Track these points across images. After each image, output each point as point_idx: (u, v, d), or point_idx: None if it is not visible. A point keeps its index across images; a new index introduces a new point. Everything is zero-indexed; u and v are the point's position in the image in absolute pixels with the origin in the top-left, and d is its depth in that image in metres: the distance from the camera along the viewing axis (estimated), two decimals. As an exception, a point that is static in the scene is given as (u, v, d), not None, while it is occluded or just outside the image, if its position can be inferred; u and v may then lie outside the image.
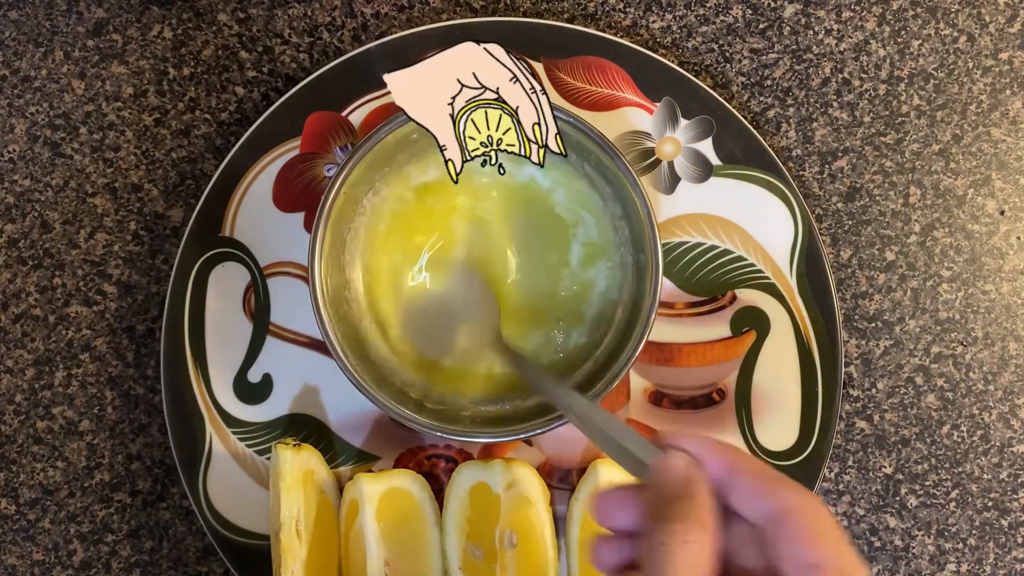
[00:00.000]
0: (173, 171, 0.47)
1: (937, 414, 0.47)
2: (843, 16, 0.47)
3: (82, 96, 0.47)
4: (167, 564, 0.46)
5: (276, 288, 0.45)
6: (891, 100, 0.47)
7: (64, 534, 0.46)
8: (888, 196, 0.47)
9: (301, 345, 0.45)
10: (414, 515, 0.44)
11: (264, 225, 0.45)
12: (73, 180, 0.46)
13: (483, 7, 0.47)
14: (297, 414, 0.45)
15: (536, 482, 0.44)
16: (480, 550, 0.43)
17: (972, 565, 0.47)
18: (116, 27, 0.47)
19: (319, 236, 0.40)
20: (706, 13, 0.47)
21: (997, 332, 0.47)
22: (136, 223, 0.46)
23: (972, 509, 0.47)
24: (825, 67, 0.47)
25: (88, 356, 0.46)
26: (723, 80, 0.47)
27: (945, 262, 0.47)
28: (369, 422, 0.45)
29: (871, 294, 0.47)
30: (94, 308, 0.46)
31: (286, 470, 0.41)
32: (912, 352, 0.47)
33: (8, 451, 0.46)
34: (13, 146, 0.46)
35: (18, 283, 0.46)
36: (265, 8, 0.47)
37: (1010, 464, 0.47)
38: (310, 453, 0.44)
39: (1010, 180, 0.47)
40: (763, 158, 0.45)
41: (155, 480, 0.46)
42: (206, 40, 0.47)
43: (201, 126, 0.47)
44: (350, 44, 0.47)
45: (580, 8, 0.47)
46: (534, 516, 0.43)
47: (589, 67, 0.45)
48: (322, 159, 0.45)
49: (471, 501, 0.44)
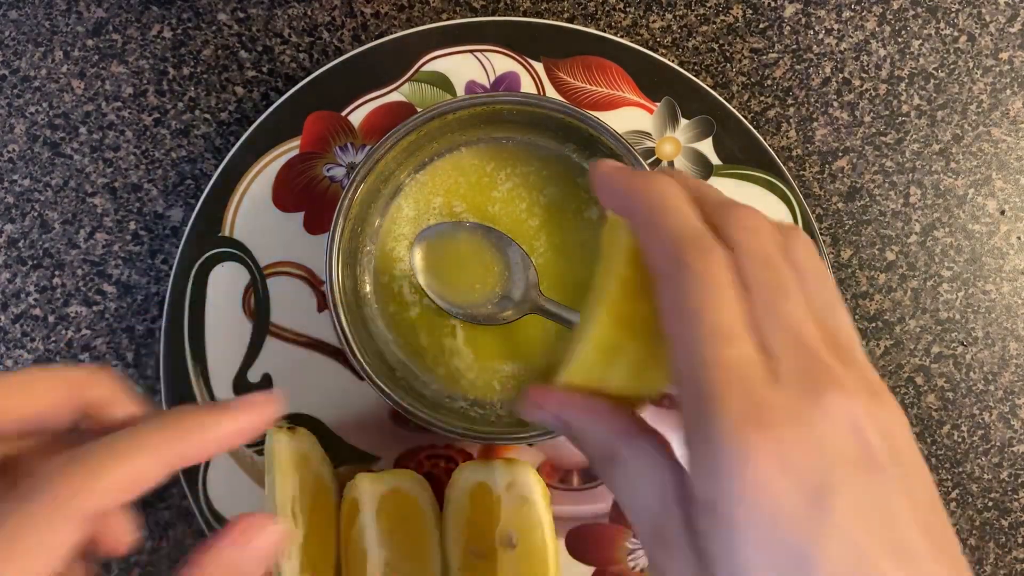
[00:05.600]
0: (173, 171, 0.47)
1: (937, 414, 0.47)
2: (843, 16, 0.47)
3: (82, 96, 0.47)
4: (167, 564, 0.46)
5: (276, 288, 0.45)
6: (891, 100, 0.47)
7: (64, 534, 0.46)
8: (888, 196, 0.47)
9: (301, 345, 0.45)
10: (414, 515, 0.44)
11: (264, 225, 0.45)
12: (73, 180, 0.46)
13: (483, 7, 0.47)
14: (297, 414, 0.45)
15: (536, 482, 0.44)
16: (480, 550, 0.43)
17: (972, 565, 0.47)
18: (116, 27, 0.47)
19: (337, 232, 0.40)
20: (706, 13, 0.47)
21: (997, 332, 0.47)
22: (136, 223, 0.46)
23: (972, 509, 0.47)
24: (825, 67, 0.47)
25: (88, 356, 0.46)
26: (723, 80, 0.47)
27: (945, 262, 0.47)
28: (369, 422, 0.45)
29: (871, 294, 0.47)
30: (94, 308, 0.46)
31: (280, 453, 0.41)
32: (912, 352, 0.47)
33: (8, 451, 0.46)
34: (13, 146, 0.46)
35: (18, 283, 0.46)
36: (265, 8, 0.47)
37: (1010, 464, 0.47)
38: (304, 437, 0.43)
39: (1010, 180, 0.47)
40: (763, 158, 0.45)
41: (155, 480, 0.46)
42: (206, 40, 0.47)
43: (201, 126, 0.47)
44: (350, 44, 0.47)
45: (580, 8, 0.47)
46: (534, 516, 0.43)
47: (589, 67, 0.45)
48: (322, 159, 0.45)
49: (471, 501, 0.44)
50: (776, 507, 0.23)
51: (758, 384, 0.24)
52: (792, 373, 0.24)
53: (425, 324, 0.44)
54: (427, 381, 0.44)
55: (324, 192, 0.45)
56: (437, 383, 0.44)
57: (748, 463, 0.23)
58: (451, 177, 0.44)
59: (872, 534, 0.23)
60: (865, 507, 0.23)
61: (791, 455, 0.23)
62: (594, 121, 0.40)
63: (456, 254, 0.43)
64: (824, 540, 0.23)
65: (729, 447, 0.23)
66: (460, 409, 0.43)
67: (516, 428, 0.41)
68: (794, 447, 0.23)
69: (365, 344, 0.42)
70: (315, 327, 0.45)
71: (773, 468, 0.23)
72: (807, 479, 0.23)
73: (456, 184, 0.44)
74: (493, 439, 0.41)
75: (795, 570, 0.23)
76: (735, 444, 0.23)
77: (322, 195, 0.45)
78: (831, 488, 0.23)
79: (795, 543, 0.23)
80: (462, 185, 0.44)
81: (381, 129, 0.45)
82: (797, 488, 0.23)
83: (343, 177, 0.45)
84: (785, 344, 0.25)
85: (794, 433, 0.23)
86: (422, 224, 0.44)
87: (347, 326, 0.40)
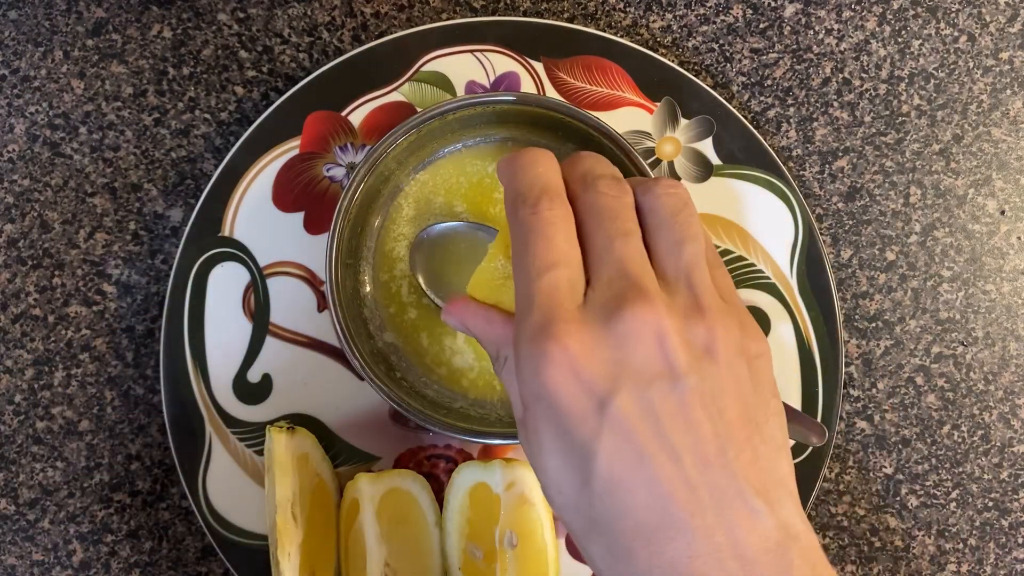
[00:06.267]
0: (172, 171, 0.47)
1: (937, 414, 0.47)
2: (843, 16, 0.47)
3: (82, 96, 0.47)
4: (167, 564, 0.46)
5: (276, 288, 0.45)
6: (891, 100, 0.47)
7: (63, 534, 0.46)
8: (888, 196, 0.47)
9: (301, 345, 0.45)
10: (414, 515, 0.44)
11: (264, 225, 0.45)
12: (73, 180, 0.46)
13: (483, 7, 0.47)
14: (297, 414, 0.45)
15: (536, 482, 0.44)
16: (480, 550, 0.43)
17: (972, 565, 0.47)
18: (115, 27, 0.47)
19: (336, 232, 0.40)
20: (706, 13, 0.47)
21: (998, 332, 0.47)
22: (136, 223, 0.46)
23: (972, 509, 0.47)
24: (825, 67, 0.47)
25: (88, 356, 0.46)
26: (723, 80, 0.47)
27: (945, 262, 0.47)
28: (369, 422, 0.45)
29: (871, 294, 0.47)
30: (93, 308, 0.46)
31: (280, 453, 0.41)
32: (912, 352, 0.47)
33: (7, 451, 0.46)
34: (13, 146, 0.46)
35: (17, 283, 0.46)
36: (265, 8, 0.47)
37: (1011, 464, 0.47)
38: (304, 436, 0.43)
39: (1011, 180, 0.47)
40: (763, 158, 0.45)
41: (155, 480, 0.46)
42: (206, 40, 0.47)
43: (201, 126, 0.47)
44: (350, 44, 0.47)
45: (580, 8, 0.47)
46: (534, 516, 0.43)
47: (589, 67, 0.45)
48: (322, 159, 0.45)
49: (471, 501, 0.44)
50: (565, 407, 0.27)
51: (564, 303, 0.28)
52: (602, 296, 0.28)
53: (425, 324, 0.44)
54: (427, 381, 0.44)
55: (324, 192, 0.45)
56: (437, 383, 0.44)
57: (542, 368, 0.27)
58: (451, 177, 0.44)
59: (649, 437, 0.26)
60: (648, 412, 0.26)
61: (583, 363, 0.27)
62: (594, 121, 0.40)
63: (456, 254, 0.43)
64: (603, 436, 0.26)
65: (528, 353, 0.27)
66: (460, 409, 0.43)
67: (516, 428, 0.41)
68: (585, 356, 0.27)
69: (365, 344, 0.42)
70: (315, 327, 0.45)
71: (564, 374, 0.27)
72: (597, 385, 0.27)
73: (457, 184, 0.44)
74: (493, 439, 0.41)
75: (580, 460, 0.27)
76: (533, 350, 0.27)
77: (322, 195, 0.45)
78: (615, 393, 0.26)
79: (579, 439, 0.27)
80: (463, 185, 0.44)
81: (381, 129, 0.45)
82: (585, 393, 0.27)
83: (343, 177, 0.45)
84: (609, 276, 0.28)
85: (584, 344, 0.27)
86: (422, 224, 0.44)
87: (347, 326, 0.40)
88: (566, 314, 0.27)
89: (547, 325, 0.27)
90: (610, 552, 0.27)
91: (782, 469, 0.28)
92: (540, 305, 0.28)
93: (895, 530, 0.47)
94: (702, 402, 0.27)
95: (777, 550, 0.26)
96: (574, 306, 0.28)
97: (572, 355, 0.27)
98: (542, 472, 0.28)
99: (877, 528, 0.47)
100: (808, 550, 0.27)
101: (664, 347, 0.27)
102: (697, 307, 0.28)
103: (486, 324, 0.32)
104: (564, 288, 0.28)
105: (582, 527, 0.28)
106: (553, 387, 0.27)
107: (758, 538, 0.26)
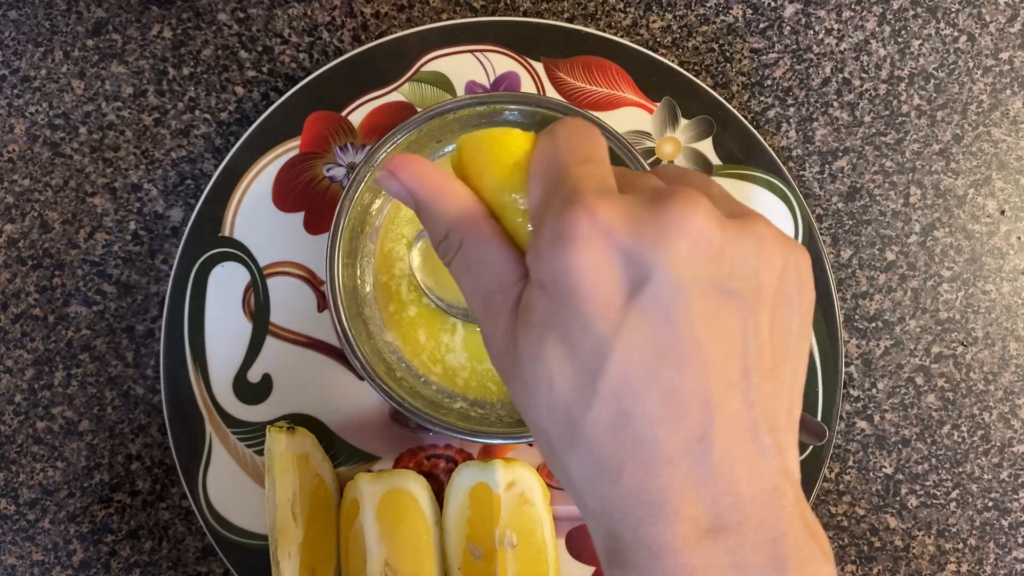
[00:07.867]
0: (173, 171, 0.47)
1: (937, 414, 0.47)
2: (843, 16, 0.47)
3: (82, 96, 0.47)
4: (167, 564, 0.46)
5: (276, 288, 0.45)
6: (891, 100, 0.47)
7: (64, 534, 0.46)
8: (888, 196, 0.47)
9: (301, 345, 0.45)
10: (414, 515, 0.44)
11: (264, 225, 0.45)
12: (73, 180, 0.46)
13: (483, 7, 0.47)
14: (297, 414, 0.45)
15: (536, 482, 0.44)
16: (480, 550, 0.43)
17: (972, 565, 0.47)
18: (116, 27, 0.47)
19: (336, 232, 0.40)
20: (706, 13, 0.47)
21: (997, 332, 0.47)
22: (136, 223, 0.46)
23: (972, 509, 0.47)
24: (825, 67, 0.47)
25: (88, 356, 0.46)
26: (723, 80, 0.47)
27: (945, 262, 0.47)
28: (369, 422, 0.45)
29: (871, 294, 0.47)
30: (94, 308, 0.46)
31: (280, 453, 0.41)
32: (912, 352, 0.47)
33: (8, 451, 0.46)
34: (13, 146, 0.46)
35: (18, 283, 0.46)
36: (265, 8, 0.47)
37: (1010, 464, 0.47)
38: (304, 436, 0.43)
39: (1010, 180, 0.47)
40: (763, 158, 0.45)
41: (155, 480, 0.46)
42: (206, 40, 0.47)
43: (201, 126, 0.47)
44: (350, 44, 0.47)
45: (580, 8, 0.47)
46: (534, 516, 0.43)
47: (589, 67, 0.45)
48: (322, 159, 0.45)
49: (471, 501, 0.44)
50: (588, 291, 0.23)
51: (605, 183, 0.25)
52: (644, 194, 0.24)
53: (425, 323, 0.44)
54: (427, 381, 0.44)
55: (324, 192, 0.45)
56: (436, 382, 0.44)
57: (570, 243, 0.23)
58: (451, 177, 0.44)
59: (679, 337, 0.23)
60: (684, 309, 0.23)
61: (619, 238, 0.23)
62: (594, 121, 0.40)
63: None
64: (627, 329, 0.23)
65: (553, 226, 0.24)
66: (460, 409, 0.43)
67: (516, 428, 0.41)
68: (623, 231, 0.23)
69: (365, 344, 0.42)
70: (315, 327, 0.45)
71: (594, 253, 0.23)
72: (630, 269, 0.23)
73: (456, 184, 0.44)
74: (493, 439, 0.41)
75: (590, 353, 0.23)
76: (559, 224, 0.24)
77: (322, 195, 0.45)
78: (649, 281, 0.23)
79: (596, 329, 0.23)
80: (462, 185, 0.44)
81: (381, 129, 0.45)
82: (614, 278, 0.23)
83: (343, 177, 0.45)
84: (645, 187, 0.26)
85: (623, 219, 0.23)
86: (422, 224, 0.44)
87: (347, 326, 0.40)
88: (604, 190, 0.24)
89: (579, 194, 0.24)
90: (595, 467, 0.24)
91: (795, 413, 0.25)
92: (574, 180, 0.25)
93: (895, 530, 0.47)
94: (739, 312, 0.24)
95: (774, 492, 0.24)
96: (614, 194, 0.24)
97: (606, 229, 0.23)
98: (536, 360, 0.24)
99: (877, 528, 0.47)
100: (799, 500, 0.25)
101: (711, 243, 0.23)
102: (740, 212, 0.25)
103: (439, 198, 0.28)
104: (603, 174, 0.25)
105: (563, 434, 0.24)
106: (577, 267, 0.23)
107: (757, 477, 0.24)
